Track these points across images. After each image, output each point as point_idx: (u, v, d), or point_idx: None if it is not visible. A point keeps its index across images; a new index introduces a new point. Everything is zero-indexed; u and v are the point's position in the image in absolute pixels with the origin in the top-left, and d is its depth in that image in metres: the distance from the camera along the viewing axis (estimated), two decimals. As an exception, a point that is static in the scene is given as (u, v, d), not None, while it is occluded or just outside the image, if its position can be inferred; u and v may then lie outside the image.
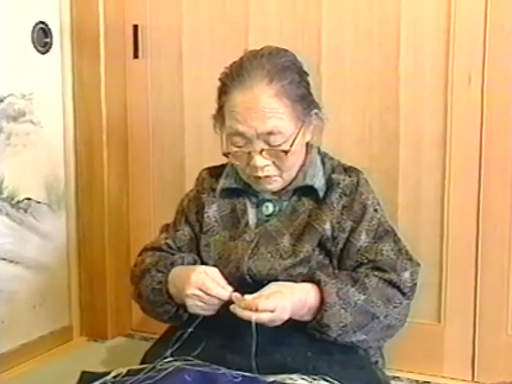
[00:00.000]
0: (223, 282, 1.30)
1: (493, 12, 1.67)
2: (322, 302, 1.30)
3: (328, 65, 1.83)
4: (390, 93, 1.79)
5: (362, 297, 1.32)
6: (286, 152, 1.35)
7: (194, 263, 1.43)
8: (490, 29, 1.68)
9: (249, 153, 1.36)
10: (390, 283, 1.37)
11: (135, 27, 2.06)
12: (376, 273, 1.37)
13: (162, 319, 1.44)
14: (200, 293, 1.28)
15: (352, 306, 1.31)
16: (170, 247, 1.51)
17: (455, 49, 1.71)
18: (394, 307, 1.36)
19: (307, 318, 1.31)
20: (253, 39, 1.88)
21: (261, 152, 1.35)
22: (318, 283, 1.32)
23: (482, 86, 1.70)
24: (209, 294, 1.28)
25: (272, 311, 1.23)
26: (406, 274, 1.39)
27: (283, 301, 1.26)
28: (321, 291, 1.31)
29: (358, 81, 1.82)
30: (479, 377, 1.78)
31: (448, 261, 1.77)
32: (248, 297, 1.25)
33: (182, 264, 1.41)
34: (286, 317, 1.26)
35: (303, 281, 1.34)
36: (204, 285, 1.28)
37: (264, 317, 1.23)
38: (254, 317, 1.22)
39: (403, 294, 1.38)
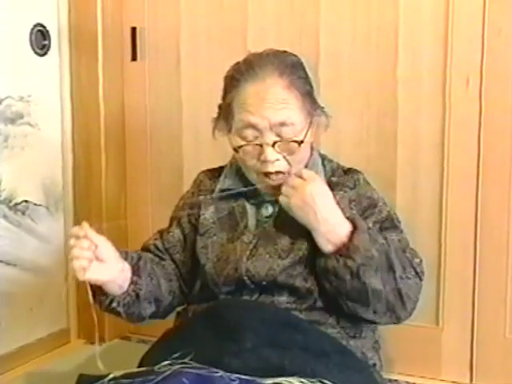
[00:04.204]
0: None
1: (490, 16, 1.67)
2: (354, 227, 1.29)
3: (326, 68, 1.84)
4: (388, 95, 1.79)
5: (386, 245, 1.32)
6: (299, 143, 1.35)
7: (138, 260, 1.42)
8: (488, 32, 1.68)
9: (260, 145, 1.35)
10: (405, 256, 1.36)
11: (133, 30, 2.06)
12: None
13: (105, 311, 1.42)
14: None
15: (378, 245, 1.30)
16: (158, 248, 1.51)
17: (453, 52, 1.72)
18: (408, 278, 1.34)
19: (330, 246, 1.29)
20: (251, 42, 1.88)
21: (273, 145, 1.35)
22: (348, 217, 1.32)
23: (480, 89, 1.70)
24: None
25: (304, 179, 1.29)
26: (417, 260, 1.39)
27: (319, 182, 1.32)
28: (352, 223, 1.30)
29: (356, 83, 1.82)
30: (477, 379, 1.78)
31: (446, 263, 1.77)
32: None
33: (125, 259, 1.39)
34: (307, 192, 1.28)
35: None
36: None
37: (293, 180, 1.30)
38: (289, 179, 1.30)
39: (416, 272, 1.37)
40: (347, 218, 1.32)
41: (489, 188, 1.72)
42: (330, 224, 1.29)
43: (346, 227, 1.30)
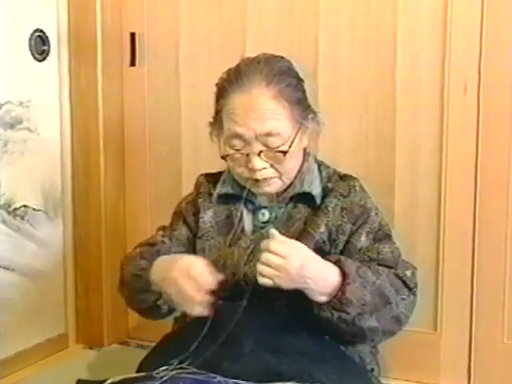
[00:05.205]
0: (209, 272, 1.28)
1: (489, 21, 1.68)
2: (344, 277, 1.27)
3: (325, 72, 1.84)
4: (386, 100, 1.79)
5: (377, 280, 1.31)
6: (284, 153, 1.35)
7: None
8: (486, 37, 1.68)
9: (247, 155, 1.36)
10: (397, 276, 1.37)
11: (132, 35, 2.06)
12: (382, 267, 1.37)
13: (141, 308, 1.42)
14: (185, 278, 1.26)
15: (370, 285, 1.29)
16: (164, 245, 1.50)
17: (451, 57, 1.72)
18: (402, 299, 1.35)
19: (323, 297, 1.27)
20: (250, 47, 1.88)
21: (259, 154, 1.35)
22: (336, 262, 1.30)
23: (478, 94, 1.70)
24: (193, 278, 1.25)
25: (283, 257, 1.22)
26: (409, 273, 1.39)
27: (298, 252, 1.25)
28: (341, 268, 1.28)
29: (354, 88, 1.82)
30: (476, 385, 1.79)
31: (444, 268, 1.77)
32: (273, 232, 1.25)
33: (169, 254, 1.39)
34: (293, 271, 1.23)
35: None
36: (192, 267, 1.26)
37: (273, 260, 1.22)
38: (263, 256, 1.23)
39: (409, 288, 1.37)
40: (334, 263, 1.29)
41: (487, 193, 1.72)
42: (321, 280, 1.27)
43: (335, 274, 1.28)
